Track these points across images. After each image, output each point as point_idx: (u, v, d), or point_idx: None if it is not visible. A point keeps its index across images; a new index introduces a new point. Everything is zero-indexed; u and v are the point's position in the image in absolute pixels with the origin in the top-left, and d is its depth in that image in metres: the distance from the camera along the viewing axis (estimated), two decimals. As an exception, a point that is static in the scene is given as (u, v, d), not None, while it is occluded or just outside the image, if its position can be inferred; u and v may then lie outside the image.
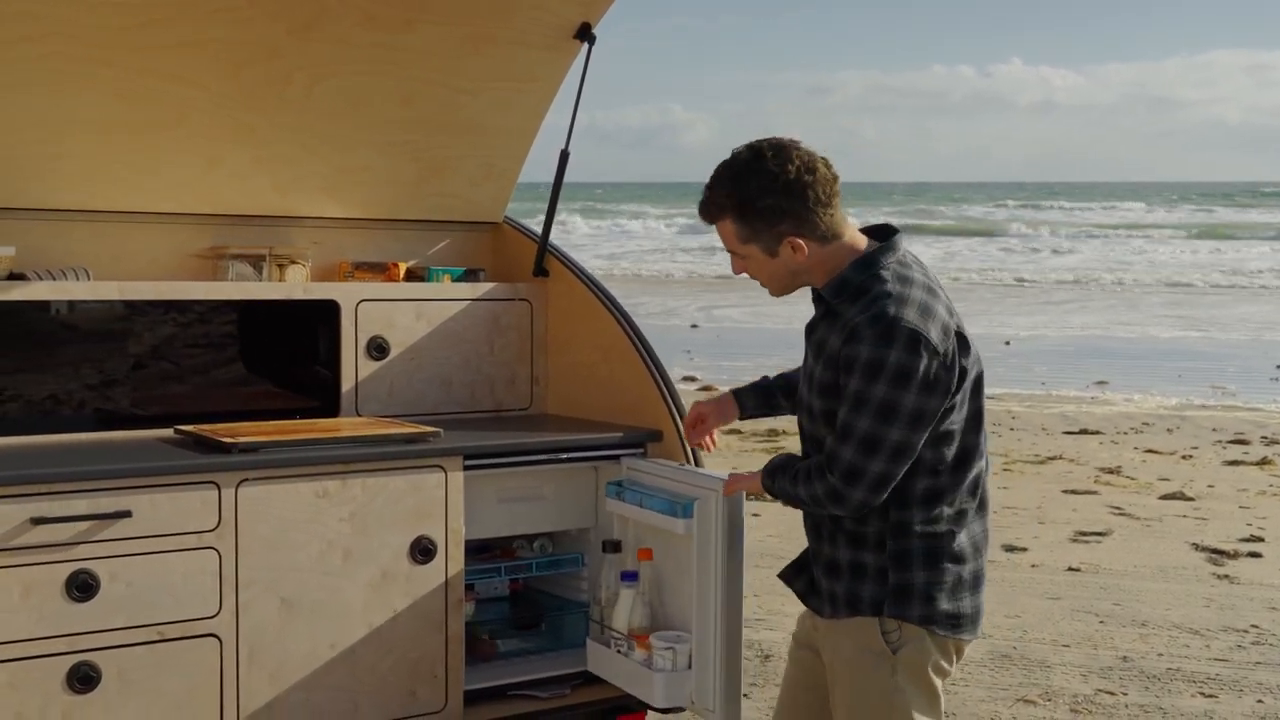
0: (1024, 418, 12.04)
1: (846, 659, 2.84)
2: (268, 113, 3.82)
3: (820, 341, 2.81)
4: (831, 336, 2.76)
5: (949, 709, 4.97)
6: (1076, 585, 6.77)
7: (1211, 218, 44.80)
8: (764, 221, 2.76)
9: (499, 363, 4.24)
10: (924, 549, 2.78)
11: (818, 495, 2.75)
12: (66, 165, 3.69)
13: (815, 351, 2.83)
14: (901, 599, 2.78)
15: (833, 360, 2.74)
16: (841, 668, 2.86)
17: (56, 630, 3.06)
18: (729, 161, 2.79)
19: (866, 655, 2.81)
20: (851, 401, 2.68)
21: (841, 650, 2.85)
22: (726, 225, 2.79)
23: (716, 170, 2.80)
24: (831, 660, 2.89)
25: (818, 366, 2.80)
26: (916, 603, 2.78)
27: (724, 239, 2.83)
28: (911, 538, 2.77)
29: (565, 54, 4.06)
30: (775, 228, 2.76)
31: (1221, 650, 5.74)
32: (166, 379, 3.80)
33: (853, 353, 2.67)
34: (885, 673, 2.79)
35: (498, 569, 3.92)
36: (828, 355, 2.76)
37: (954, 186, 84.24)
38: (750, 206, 2.75)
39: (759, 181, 2.73)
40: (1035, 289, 26.42)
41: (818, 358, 2.81)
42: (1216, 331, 19.22)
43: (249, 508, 3.26)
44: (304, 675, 3.34)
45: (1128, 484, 9.34)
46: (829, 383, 2.76)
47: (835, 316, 2.78)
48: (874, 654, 2.80)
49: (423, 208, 4.30)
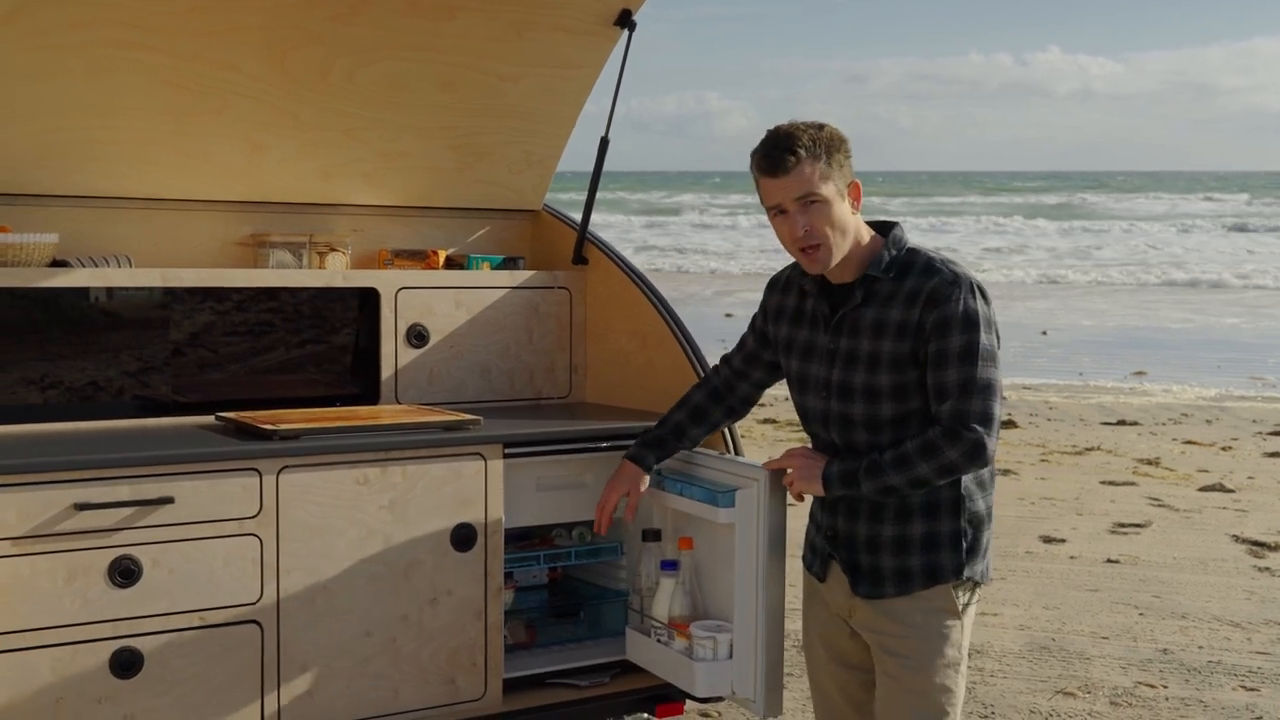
0: (1061, 408, 11.96)
1: (917, 625, 2.91)
2: (311, 99, 3.82)
3: (876, 321, 2.88)
4: (892, 311, 2.87)
5: (987, 700, 4.94)
6: (1115, 577, 6.72)
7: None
8: (843, 155, 2.87)
9: (538, 351, 4.23)
10: (986, 508, 2.95)
11: (952, 462, 2.81)
12: (110, 152, 3.70)
13: (873, 332, 2.88)
14: (973, 559, 2.92)
15: (904, 330, 2.84)
16: (911, 635, 2.91)
17: (99, 616, 3.07)
18: (787, 124, 2.88)
19: (939, 617, 2.92)
20: (959, 356, 2.80)
21: (909, 619, 2.91)
22: (806, 166, 2.83)
23: (781, 129, 2.87)
24: (889, 632, 2.93)
25: (882, 343, 2.86)
26: (979, 560, 2.94)
27: (796, 186, 2.84)
28: (977, 498, 2.93)
29: (606, 40, 4.05)
30: (844, 168, 2.88)
31: (1263, 643, 5.68)
32: (207, 366, 3.81)
33: (944, 314, 2.81)
34: (956, 633, 2.92)
35: (536, 557, 3.91)
36: (895, 328, 2.85)
37: (995, 175, 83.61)
38: (836, 142, 2.86)
39: (832, 129, 2.89)
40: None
41: (878, 337, 2.87)
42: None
43: (290, 495, 3.26)
44: (344, 662, 3.35)
45: (1167, 475, 9.26)
46: (901, 354, 2.84)
47: (883, 295, 2.88)
48: (947, 614, 2.92)
49: (463, 195, 4.30)
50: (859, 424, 2.91)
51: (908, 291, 2.86)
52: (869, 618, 2.96)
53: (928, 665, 2.90)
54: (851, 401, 2.90)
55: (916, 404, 2.87)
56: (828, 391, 2.95)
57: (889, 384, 2.86)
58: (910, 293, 2.85)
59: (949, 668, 2.91)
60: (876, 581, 2.93)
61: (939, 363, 2.82)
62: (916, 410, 2.87)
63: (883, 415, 2.88)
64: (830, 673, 3.11)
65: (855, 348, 2.90)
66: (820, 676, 3.14)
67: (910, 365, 2.85)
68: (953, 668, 2.91)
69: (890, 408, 2.87)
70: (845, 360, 2.91)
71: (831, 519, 3.00)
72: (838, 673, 3.09)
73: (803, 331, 3.04)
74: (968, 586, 2.93)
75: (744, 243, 33.34)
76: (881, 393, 2.87)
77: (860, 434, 2.91)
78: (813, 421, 3.02)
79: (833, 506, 2.99)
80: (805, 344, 3.02)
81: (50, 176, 3.68)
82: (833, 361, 2.94)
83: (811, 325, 3.02)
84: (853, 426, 2.92)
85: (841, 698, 3.10)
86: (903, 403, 2.87)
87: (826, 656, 3.11)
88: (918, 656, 2.90)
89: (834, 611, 3.05)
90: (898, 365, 2.85)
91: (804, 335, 3.03)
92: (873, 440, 2.90)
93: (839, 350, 2.93)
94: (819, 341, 2.98)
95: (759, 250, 30.83)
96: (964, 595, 2.93)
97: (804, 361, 3.02)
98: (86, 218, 3.78)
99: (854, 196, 2.90)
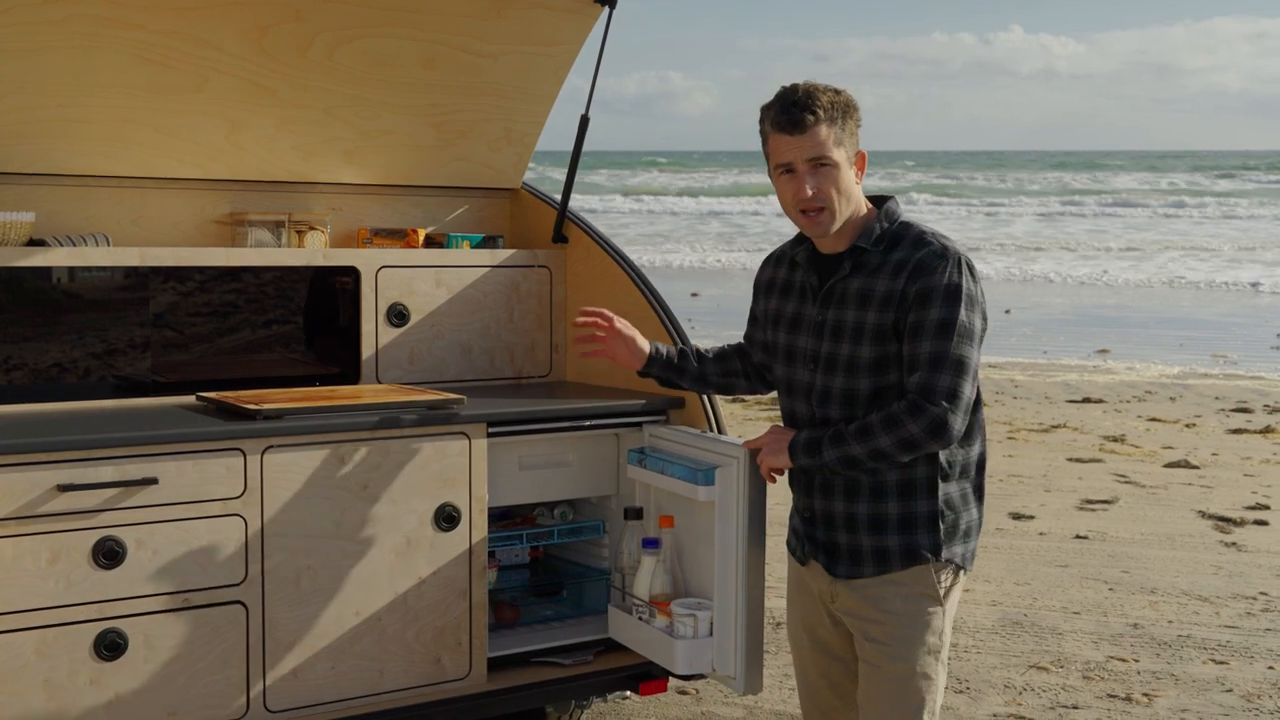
0: (1027, 386, 12.04)
1: (897, 612, 2.88)
2: (290, 76, 3.79)
3: (862, 291, 2.86)
4: (878, 282, 2.84)
5: (962, 675, 4.99)
6: (1084, 553, 6.79)
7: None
8: (855, 123, 2.86)
9: (518, 330, 4.22)
10: (961, 493, 2.90)
11: (912, 436, 2.76)
12: (88, 130, 3.66)
13: (859, 302, 2.86)
14: (952, 541, 2.88)
15: (888, 301, 2.81)
16: (891, 621, 2.88)
17: (84, 598, 3.05)
18: (804, 83, 2.86)
19: (919, 602, 2.88)
20: (936, 329, 2.77)
21: (890, 605, 2.88)
22: (823, 128, 2.81)
23: (800, 87, 2.84)
24: (870, 618, 2.90)
25: (867, 314, 2.84)
26: (959, 543, 2.89)
27: (810, 147, 2.81)
28: (952, 481, 2.88)
29: (586, 18, 4.03)
30: (854, 135, 2.87)
31: (1231, 617, 5.76)
32: (186, 345, 3.78)
33: (927, 285, 2.78)
34: (937, 619, 2.89)
35: (519, 536, 3.91)
36: (880, 298, 2.83)
37: (961, 155, 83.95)
38: (851, 109, 2.86)
39: (849, 95, 2.88)
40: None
41: (863, 307, 2.85)
42: None
43: (274, 475, 3.25)
44: (329, 642, 3.34)
45: (1132, 452, 9.35)
46: (884, 326, 2.82)
47: (871, 266, 2.86)
48: (928, 600, 2.88)
49: (442, 173, 4.28)
50: (836, 398, 2.88)
51: (895, 263, 2.83)
52: (850, 604, 2.94)
53: (908, 652, 2.87)
54: (834, 373, 2.88)
55: (894, 378, 2.83)
56: (815, 363, 2.92)
57: (870, 356, 2.83)
58: (897, 264, 2.83)
59: (929, 655, 2.88)
60: (855, 560, 2.90)
61: (915, 334, 2.78)
62: (894, 385, 2.83)
63: (860, 389, 2.84)
64: (815, 661, 3.09)
65: (841, 318, 2.87)
66: (805, 664, 3.13)
67: (892, 337, 2.82)
68: (933, 655, 2.88)
69: (868, 382, 2.84)
70: (833, 331, 2.89)
71: (808, 498, 2.98)
72: (822, 661, 3.07)
73: (791, 303, 3.00)
74: (949, 570, 2.89)
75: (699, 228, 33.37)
76: (861, 365, 2.84)
77: (835, 409, 2.88)
78: (798, 396, 2.97)
79: (808, 486, 2.97)
80: (793, 316, 2.99)
81: (27, 155, 3.64)
82: (821, 333, 2.90)
83: (800, 297, 2.98)
84: (831, 400, 2.89)
85: (826, 686, 3.09)
86: (881, 376, 2.83)
87: (811, 645, 3.09)
88: (898, 644, 2.87)
89: (817, 599, 3.03)
90: (880, 337, 2.82)
91: (792, 307, 3.00)
92: (848, 416, 2.86)
93: (826, 322, 2.90)
94: (807, 313, 2.95)
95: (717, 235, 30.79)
96: (946, 579, 2.89)
97: (792, 333, 2.98)
98: (64, 196, 3.74)
99: (859, 165, 2.88)
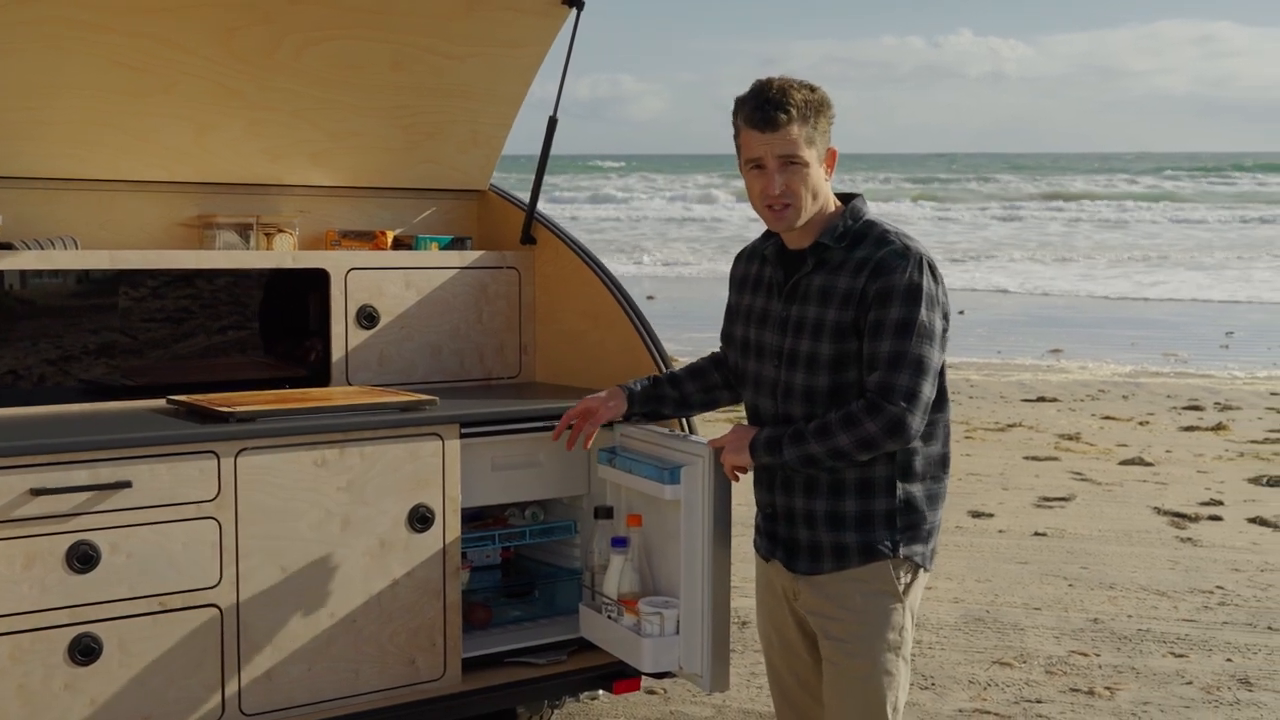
0: (982, 386, 12.15)
1: (857, 609, 2.89)
2: (258, 78, 3.78)
3: (823, 289, 2.87)
4: (840, 279, 2.86)
5: (926, 671, 5.04)
6: (1043, 550, 6.86)
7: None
8: (827, 121, 2.87)
9: (488, 331, 4.23)
10: (926, 495, 2.91)
11: (870, 435, 2.77)
12: (55, 132, 3.64)
13: (820, 299, 2.87)
14: (911, 539, 2.90)
15: (849, 299, 2.83)
16: (851, 619, 2.90)
17: (58, 602, 3.03)
18: (779, 79, 2.86)
19: (879, 599, 2.89)
20: (895, 328, 2.78)
21: (849, 602, 2.90)
22: (795, 127, 2.82)
23: (774, 83, 2.85)
24: (830, 615, 2.92)
25: (827, 311, 2.85)
26: (920, 542, 2.91)
27: (782, 145, 2.83)
28: (913, 480, 2.89)
29: (554, 19, 4.04)
30: (826, 134, 2.88)
31: (1189, 611, 5.84)
32: (155, 349, 3.76)
33: (887, 284, 2.80)
34: (898, 616, 2.90)
35: (491, 537, 3.92)
36: (841, 296, 2.84)
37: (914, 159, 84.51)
38: (824, 107, 2.87)
39: (823, 92, 2.89)
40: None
41: (824, 304, 2.86)
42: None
43: (248, 477, 3.24)
44: (304, 645, 3.33)
45: (1087, 450, 9.46)
46: (844, 323, 2.83)
47: (833, 264, 2.87)
48: (888, 597, 2.90)
49: (409, 175, 4.28)
50: (798, 395, 2.90)
51: (857, 260, 2.85)
52: (812, 601, 2.96)
53: (868, 649, 2.88)
54: (796, 369, 2.89)
55: (854, 376, 2.85)
56: (779, 359, 2.93)
57: (830, 353, 2.85)
58: (859, 262, 2.84)
59: (890, 651, 2.89)
60: (815, 556, 2.93)
61: (875, 332, 2.80)
62: (854, 383, 2.85)
63: (819, 386, 2.86)
64: (784, 660, 3.12)
65: (803, 314, 2.89)
66: (776, 664, 3.15)
67: (852, 335, 2.83)
68: (894, 651, 2.89)
69: (826, 379, 2.85)
70: (795, 327, 2.90)
71: (770, 495, 3.01)
72: (791, 660, 3.10)
73: (760, 299, 3.02)
74: (908, 567, 2.90)
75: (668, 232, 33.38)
76: (821, 362, 2.85)
77: (797, 406, 2.90)
78: (763, 392, 2.98)
79: (769, 483, 3.00)
80: (761, 311, 3.01)
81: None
82: (784, 329, 2.92)
83: (768, 292, 3.00)
84: (793, 397, 2.91)
85: (797, 684, 3.11)
86: (840, 373, 2.84)
87: (780, 644, 3.12)
88: (857, 640, 2.89)
89: (782, 597, 3.06)
90: (840, 334, 2.84)
91: (760, 302, 3.02)
92: (809, 413, 2.88)
93: (790, 317, 2.92)
94: (773, 309, 2.97)
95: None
96: (905, 576, 2.90)
97: (759, 329, 3.00)
98: (30, 199, 3.71)
99: (829, 163, 2.90)
